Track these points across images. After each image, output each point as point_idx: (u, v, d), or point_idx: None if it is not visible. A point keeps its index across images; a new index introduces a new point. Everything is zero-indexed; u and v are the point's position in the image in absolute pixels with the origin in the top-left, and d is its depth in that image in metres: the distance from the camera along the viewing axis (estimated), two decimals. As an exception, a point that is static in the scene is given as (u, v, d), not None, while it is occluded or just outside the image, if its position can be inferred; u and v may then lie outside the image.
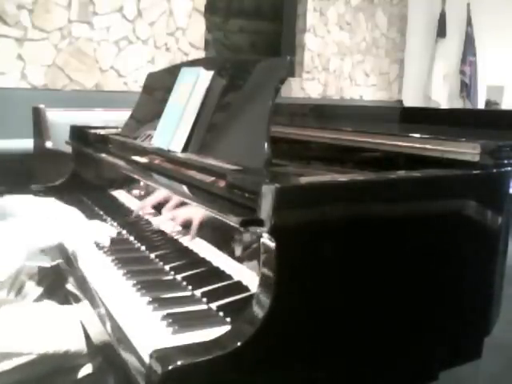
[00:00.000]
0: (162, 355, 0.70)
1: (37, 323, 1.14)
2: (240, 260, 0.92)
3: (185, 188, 1.04)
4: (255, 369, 0.75)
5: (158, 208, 1.25)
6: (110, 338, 0.90)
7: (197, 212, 1.04)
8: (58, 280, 1.40)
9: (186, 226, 1.08)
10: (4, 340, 1.07)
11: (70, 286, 1.31)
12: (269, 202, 0.74)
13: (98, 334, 1.11)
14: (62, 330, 1.14)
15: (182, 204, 1.11)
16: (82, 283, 1.11)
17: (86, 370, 1.15)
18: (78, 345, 1.13)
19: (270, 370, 0.77)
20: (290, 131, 1.46)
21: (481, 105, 5.36)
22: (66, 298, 1.40)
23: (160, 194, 1.21)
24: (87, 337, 1.13)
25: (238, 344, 0.72)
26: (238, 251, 0.92)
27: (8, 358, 1.06)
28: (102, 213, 1.57)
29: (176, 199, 1.14)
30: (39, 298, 1.39)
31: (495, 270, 0.99)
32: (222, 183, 0.93)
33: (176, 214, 1.13)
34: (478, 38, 5.32)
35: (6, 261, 1.03)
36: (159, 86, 1.58)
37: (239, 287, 0.89)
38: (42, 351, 1.08)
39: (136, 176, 1.32)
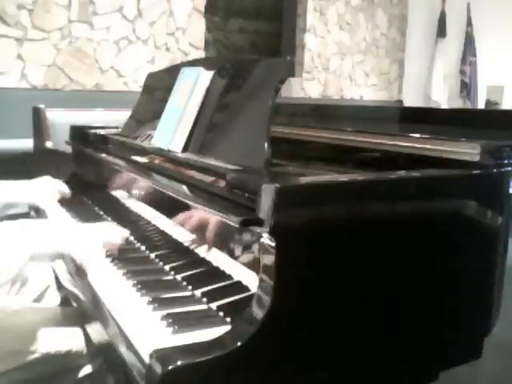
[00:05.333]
0: (162, 355, 0.70)
1: (39, 323, 1.14)
2: (240, 260, 0.92)
3: (185, 188, 1.04)
4: (255, 369, 0.75)
5: (160, 209, 1.25)
6: (110, 337, 0.90)
7: (211, 223, 1.02)
8: (59, 278, 1.40)
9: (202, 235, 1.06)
10: (7, 340, 1.07)
11: (70, 286, 1.31)
12: (269, 202, 0.74)
13: (98, 334, 1.11)
14: (63, 330, 1.14)
15: (186, 207, 1.11)
16: (82, 283, 1.11)
17: (87, 370, 1.15)
18: (79, 345, 1.13)
19: (270, 370, 0.77)
20: (290, 131, 1.46)
21: (481, 105, 5.36)
22: (66, 298, 1.40)
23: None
24: (87, 337, 1.13)
25: (238, 344, 0.72)
26: (238, 251, 0.92)
27: (10, 357, 1.06)
28: (101, 213, 1.57)
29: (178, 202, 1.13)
30: (39, 297, 1.39)
31: (495, 270, 0.99)
32: (222, 183, 0.93)
33: (183, 219, 1.11)
34: (478, 38, 5.32)
35: (6, 263, 1.01)
36: (159, 85, 1.58)
37: (239, 287, 0.89)
38: (43, 351, 1.09)
39: (136, 176, 1.32)
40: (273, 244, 0.74)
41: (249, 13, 5.56)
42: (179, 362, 0.69)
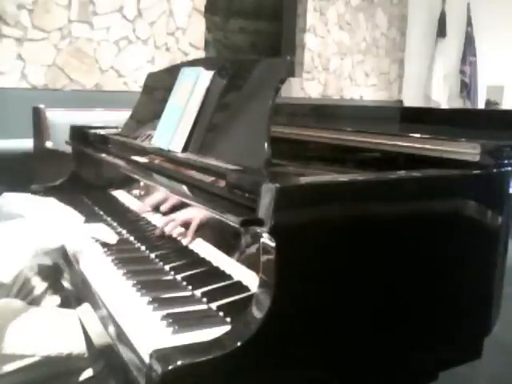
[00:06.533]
0: (162, 355, 0.70)
1: (40, 326, 1.14)
2: (240, 260, 0.92)
3: (185, 188, 1.04)
4: (255, 369, 0.75)
5: (159, 208, 1.25)
6: (110, 338, 0.90)
7: (197, 213, 1.04)
8: (59, 279, 1.40)
9: (187, 227, 1.08)
10: (8, 342, 1.07)
11: (71, 287, 1.31)
12: (269, 202, 0.74)
13: (99, 335, 1.11)
14: (64, 332, 1.14)
15: (183, 205, 1.11)
16: (82, 283, 1.11)
17: (88, 373, 1.15)
18: (80, 348, 1.13)
19: (269, 370, 0.77)
20: (290, 131, 1.46)
21: (481, 105, 5.36)
22: (66, 299, 1.40)
23: (160, 195, 1.21)
24: (88, 339, 1.13)
25: (238, 344, 0.72)
26: (238, 251, 0.92)
27: (11, 360, 1.06)
28: (101, 213, 1.57)
29: (176, 199, 1.14)
30: (40, 298, 1.39)
31: (495, 270, 0.99)
32: (222, 183, 0.93)
33: (177, 216, 1.13)
34: (478, 38, 5.32)
35: (10, 262, 1.03)
36: (159, 85, 1.58)
37: (239, 287, 0.89)
38: (44, 354, 1.09)
39: (136, 176, 1.32)
40: (273, 244, 0.74)
41: (249, 13, 5.56)
42: (179, 362, 0.69)
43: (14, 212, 1.26)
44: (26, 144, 2.85)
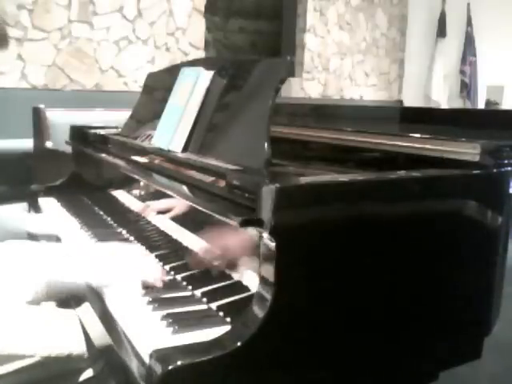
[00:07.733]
0: (161, 355, 0.70)
1: (40, 326, 1.14)
2: (240, 260, 0.91)
3: (185, 188, 1.04)
4: (255, 369, 0.75)
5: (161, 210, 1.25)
6: (110, 338, 0.90)
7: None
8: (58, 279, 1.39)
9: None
10: (7, 342, 1.06)
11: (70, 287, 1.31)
12: (269, 202, 0.74)
13: (99, 336, 1.11)
14: (64, 332, 1.14)
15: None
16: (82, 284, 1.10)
17: (88, 373, 1.15)
18: (80, 348, 1.13)
19: (269, 370, 0.77)
20: (289, 131, 1.46)
21: (481, 105, 5.36)
22: (66, 299, 1.40)
23: (167, 202, 1.21)
24: (88, 339, 1.13)
25: (238, 344, 0.72)
26: (238, 251, 0.92)
27: (11, 360, 1.06)
28: (102, 213, 1.57)
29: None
30: (39, 298, 1.39)
31: (495, 270, 0.99)
32: (222, 183, 0.93)
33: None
34: (478, 38, 5.32)
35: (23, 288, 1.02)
36: (159, 85, 1.58)
37: (239, 287, 0.89)
38: (44, 354, 1.08)
39: (136, 176, 1.32)
40: (273, 244, 0.74)
41: (249, 13, 5.56)
42: (179, 362, 0.69)
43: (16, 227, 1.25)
44: (26, 144, 2.85)
